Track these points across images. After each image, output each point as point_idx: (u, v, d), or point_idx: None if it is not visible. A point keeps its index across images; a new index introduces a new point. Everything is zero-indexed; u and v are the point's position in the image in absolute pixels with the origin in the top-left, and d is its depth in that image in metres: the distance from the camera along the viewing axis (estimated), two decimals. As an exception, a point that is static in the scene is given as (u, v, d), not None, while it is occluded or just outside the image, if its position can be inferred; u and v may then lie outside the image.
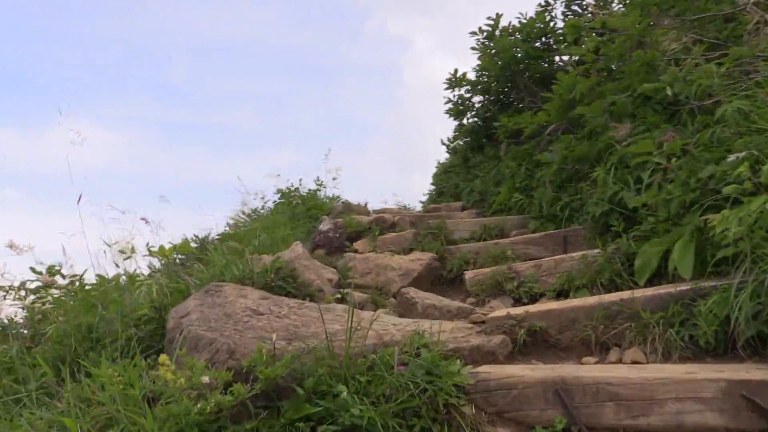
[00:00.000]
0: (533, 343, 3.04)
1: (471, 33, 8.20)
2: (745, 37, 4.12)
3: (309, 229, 6.88)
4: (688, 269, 3.02)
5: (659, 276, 3.39)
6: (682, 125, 4.15)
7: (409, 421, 2.25)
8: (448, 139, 9.70)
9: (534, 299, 3.83)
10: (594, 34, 5.32)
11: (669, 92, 3.86)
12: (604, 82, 5.75)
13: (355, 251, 5.69)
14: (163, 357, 1.94)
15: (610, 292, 3.47)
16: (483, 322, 3.19)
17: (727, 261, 2.72)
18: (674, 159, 3.28)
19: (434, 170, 10.36)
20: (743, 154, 2.77)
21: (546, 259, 3.96)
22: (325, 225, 6.10)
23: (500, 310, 3.40)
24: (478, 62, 7.92)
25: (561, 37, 7.34)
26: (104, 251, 3.66)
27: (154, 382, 1.99)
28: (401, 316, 3.56)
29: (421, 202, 10.71)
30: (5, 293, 4.04)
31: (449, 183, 8.87)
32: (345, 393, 2.19)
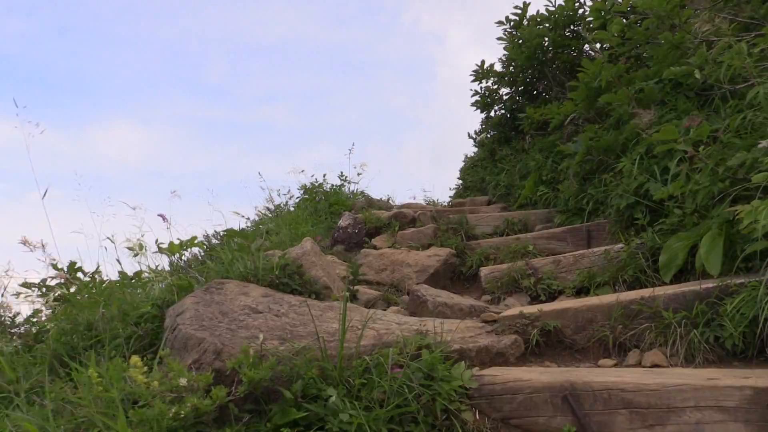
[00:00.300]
0: (547, 343, 2.86)
1: (498, 23, 7.97)
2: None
3: (330, 225, 6.78)
4: (716, 265, 2.79)
5: (686, 272, 3.16)
6: (714, 111, 3.90)
7: (406, 427, 2.12)
8: (476, 132, 9.49)
9: (552, 297, 3.64)
10: (620, 18, 5.05)
11: (698, 75, 3.61)
12: (632, 69, 5.48)
13: (374, 247, 5.57)
14: (134, 359, 1.84)
15: (633, 289, 3.26)
16: (495, 321, 3.02)
17: (757, 256, 2.49)
18: (702, 147, 3.04)
19: (462, 164, 10.17)
20: (776, 139, 2.54)
21: (566, 254, 3.75)
22: (344, 220, 5.99)
23: (514, 308, 3.23)
24: (505, 53, 7.69)
25: (589, 25, 7.06)
26: (105, 247, 3.62)
27: (131, 385, 1.89)
28: (412, 314, 3.42)
29: (450, 197, 10.53)
30: (27, 291, 4.05)
31: (476, 177, 8.66)
32: (335, 397, 2.06)
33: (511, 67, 7.78)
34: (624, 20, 4.92)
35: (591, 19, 5.81)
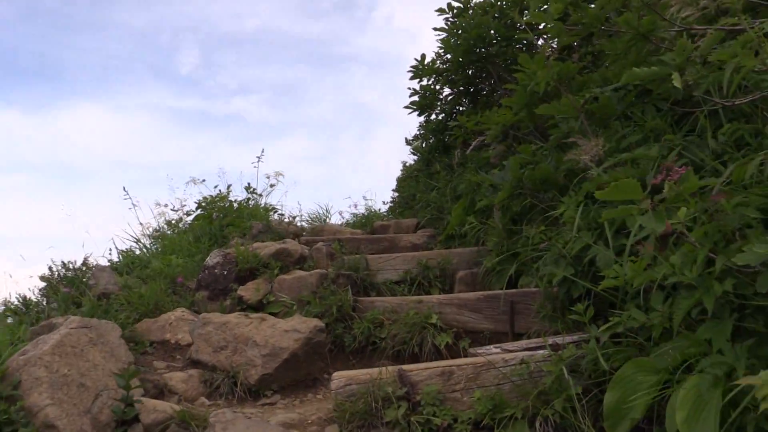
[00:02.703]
0: None
1: (438, 11, 6.57)
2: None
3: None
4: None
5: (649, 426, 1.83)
6: (697, 135, 2.58)
7: None
8: (414, 137, 8.09)
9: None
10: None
11: (677, 83, 2.26)
12: (588, 70, 4.16)
13: (239, 299, 4.15)
14: None
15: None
16: None
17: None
18: (683, 212, 1.69)
19: (399, 173, 8.78)
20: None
21: (461, 365, 2.35)
22: (213, 258, 4.55)
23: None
24: (440, 45, 6.30)
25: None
26: None
27: None
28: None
29: (385, 211, 9.15)
30: None
31: (408, 192, 7.26)
32: None
33: (446, 64, 6.41)
34: None
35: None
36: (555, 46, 4.91)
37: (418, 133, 7.91)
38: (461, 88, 6.63)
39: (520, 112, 4.09)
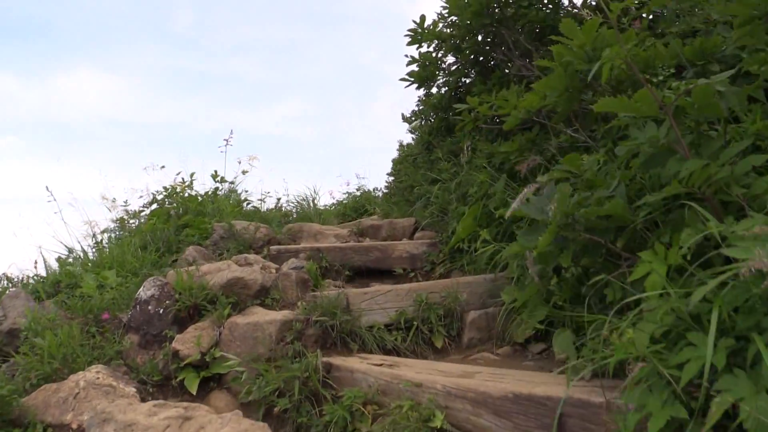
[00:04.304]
0: None
1: (442, -39, 5.35)
2: None
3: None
4: None
5: None
6: None
7: None
8: (412, 114, 6.90)
9: None
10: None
11: None
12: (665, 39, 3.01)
13: (175, 354, 3.09)
14: None
15: None
16: None
17: None
18: None
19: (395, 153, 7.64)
20: None
21: None
22: (147, 289, 3.47)
23: None
24: (444, 5, 5.09)
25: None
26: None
27: None
28: None
29: (383, 190, 8.06)
30: None
31: (405, 183, 6.12)
32: None
33: (451, 28, 5.22)
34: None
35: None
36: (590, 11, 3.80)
37: (416, 108, 6.72)
38: (471, 56, 5.45)
39: (558, 98, 2.96)
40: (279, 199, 7.99)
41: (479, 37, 5.17)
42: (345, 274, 4.39)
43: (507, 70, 5.06)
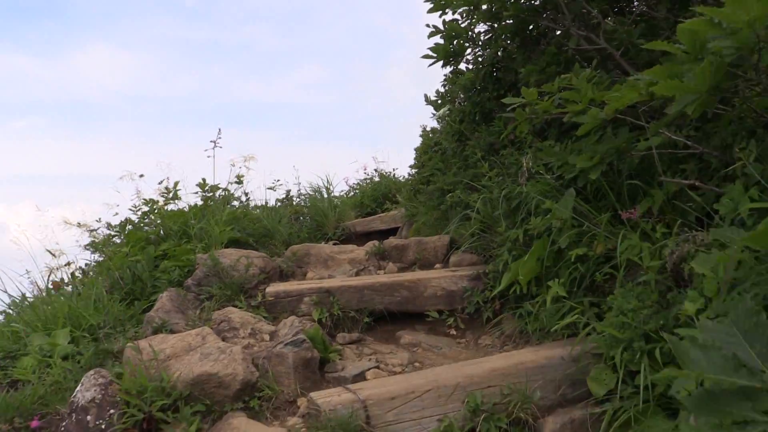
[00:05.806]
0: None
1: None
2: None
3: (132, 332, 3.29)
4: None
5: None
6: None
7: None
8: (436, 95, 5.75)
9: None
10: None
11: None
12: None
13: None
14: None
15: None
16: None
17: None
18: None
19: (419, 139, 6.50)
20: None
21: None
22: (85, 390, 2.47)
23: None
24: (478, -41, 3.92)
25: None
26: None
27: None
28: None
29: (408, 174, 7.01)
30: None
31: (432, 186, 4.99)
32: None
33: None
34: None
35: None
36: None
37: (441, 88, 5.59)
38: (508, 21, 4.31)
39: (695, 100, 1.86)
40: (288, 191, 7.02)
41: (523, 3, 4.02)
42: (363, 322, 3.41)
43: (562, 44, 3.90)
